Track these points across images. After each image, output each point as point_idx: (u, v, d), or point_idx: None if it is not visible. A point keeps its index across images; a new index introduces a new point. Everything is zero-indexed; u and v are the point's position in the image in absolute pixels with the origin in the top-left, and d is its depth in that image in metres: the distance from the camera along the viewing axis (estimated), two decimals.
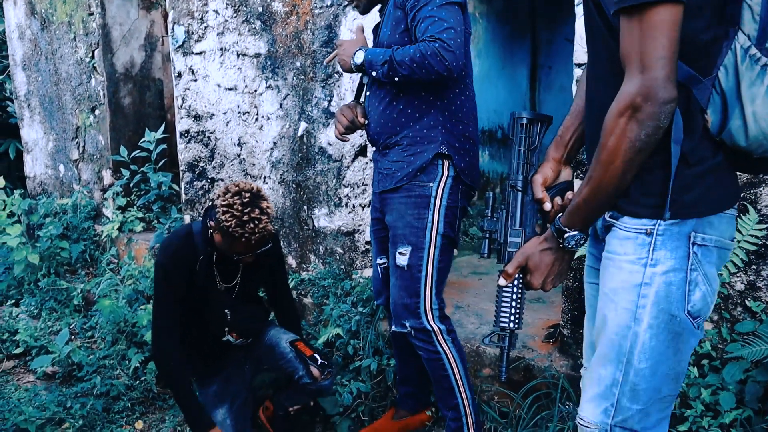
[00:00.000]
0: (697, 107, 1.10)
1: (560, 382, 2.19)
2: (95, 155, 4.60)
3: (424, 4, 1.80)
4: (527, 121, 1.37)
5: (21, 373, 3.21)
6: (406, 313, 1.97)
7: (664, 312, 1.14)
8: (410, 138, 1.96)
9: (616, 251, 1.19)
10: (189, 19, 3.65)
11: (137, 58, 4.55)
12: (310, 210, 3.26)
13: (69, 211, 4.53)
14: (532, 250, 1.28)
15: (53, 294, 3.89)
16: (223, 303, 2.14)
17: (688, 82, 1.08)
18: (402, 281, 1.96)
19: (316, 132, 3.17)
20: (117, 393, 2.80)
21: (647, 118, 1.02)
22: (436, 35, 1.75)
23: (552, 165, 1.37)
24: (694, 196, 1.12)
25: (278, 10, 3.22)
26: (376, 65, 1.89)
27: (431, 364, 2.01)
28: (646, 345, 1.15)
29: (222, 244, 2.07)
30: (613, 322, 1.18)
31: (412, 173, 1.95)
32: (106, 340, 3.23)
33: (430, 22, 1.77)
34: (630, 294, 1.16)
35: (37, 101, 5.04)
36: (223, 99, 3.57)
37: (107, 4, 4.34)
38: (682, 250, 1.13)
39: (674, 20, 1.00)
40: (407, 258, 1.93)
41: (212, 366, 2.27)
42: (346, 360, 2.69)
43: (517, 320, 1.33)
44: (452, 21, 1.77)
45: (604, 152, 1.09)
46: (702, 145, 1.11)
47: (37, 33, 4.87)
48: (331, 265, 3.20)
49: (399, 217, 1.97)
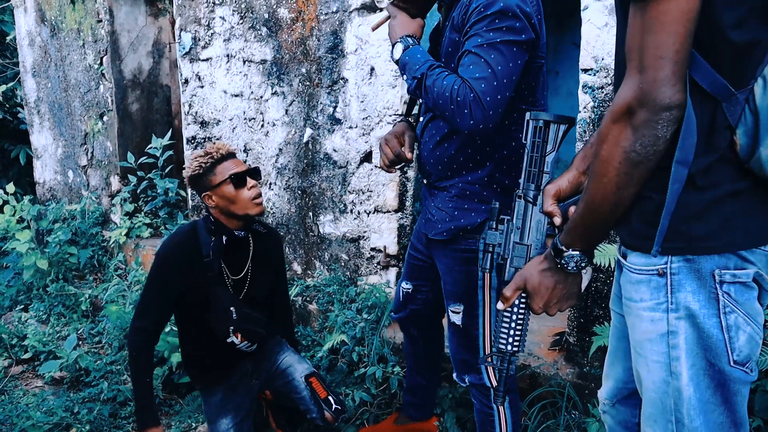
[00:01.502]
0: (724, 124, 0.92)
1: (566, 391, 2.18)
2: (103, 161, 4.64)
3: (476, 33, 1.49)
4: (543, 124, 1.20)
5: (29, 378, 3.23)
6: (465, 368, 1.82)
7: (700, 360, 0.98)
8: (459, 189, 1.70)
9: (631, 297, 1.04)
10: (196, 25, 3.67)
11: (145, 64, 4.58)
12: (315, 216, 3.27)
13: (77, 216, 4.56)
14: (531, 271, 1.14)
15: (62, 299, 3.92)
16: (228, 300, 2.11)
17: (715, 92, 0.91)
18: (458, 338, 1.81)
19: (322, 138, 3.17)
20: (124, 398, 2.81)
21: (642, 125, 0.88)
22: (474, 84, 1.47)
23: (572, 176, 1.18)
24: (709, 228, 0.94)
25: (284, 16, 3.23)
26: (407, 72, 1.62)
27: (482, 416, 1.87)
28: (693, 400, 0.99)
29: (218, 198, 2.04)
30: (648, 378, 1.04)
31: (454, 230, 1.71)
32: (113, 345, 3.25)
33: (474, 60, 1.48)
34: (657, 345, 1.01)
35: (46, 108, 5.08)
36: (229, 105, 3.59)
37: (116, 11, 4.37)
38: (706, 291, 0.96)
39: (683, 12, 0.84)
40: (461, 317, 1.76)
41: (218, 373, 2.26)
42: (351, 367, 2.68)
43: (516, 343, 1.21)
44: (499, 68, 1.46)
45: (596, 163, 0.95)
46: (719, 167, 0.94)
47: (46, 40, 4.91)
48: (336, 272, 3.20)
49: (447, 271, 1.78)
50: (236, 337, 2.11)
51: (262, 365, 2.32)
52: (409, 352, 2.21)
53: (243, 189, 2.04)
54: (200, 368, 2.27)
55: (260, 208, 2.07)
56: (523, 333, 1.22)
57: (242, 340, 2.14)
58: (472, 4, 1.51)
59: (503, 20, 1.46)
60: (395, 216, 2.94)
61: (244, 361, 2.29)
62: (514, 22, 1.47)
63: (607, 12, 2.11)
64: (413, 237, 2.01)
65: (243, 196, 2.03)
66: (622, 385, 1.28)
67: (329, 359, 2.73)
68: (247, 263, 2.21)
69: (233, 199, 2.03)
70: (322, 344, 2.78)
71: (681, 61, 0.86)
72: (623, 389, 1.28)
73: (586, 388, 2.23)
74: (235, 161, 2.08)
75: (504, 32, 1.47)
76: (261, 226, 2.28)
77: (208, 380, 2.25)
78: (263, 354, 2.32)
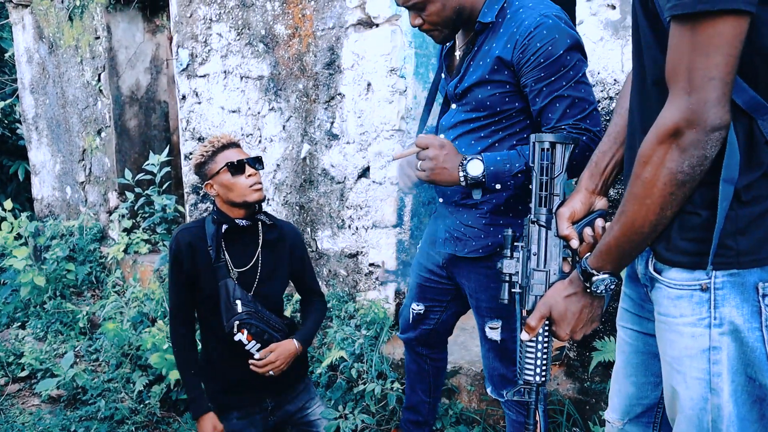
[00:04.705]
0: (762, 140, 0.93)
1: (566, 408, 2.16)
2: (101, 177, 4.63)
3: (556, 78, 1.46)
4: (549, 145, 1.19)
5: (26, 397, 3.21)
6: (504, 382, 1.83)
7: (740, 375, 0.98)
8: (493, 205, 1.66)
9: (670, 313, 1.02)
10: (193, 42, 3.68)
11: (143, 80, 4.59)
12: (313, 232, 3.26)
13: (75, 233, 4.55)
14: (555, 298, 1.13)
15: (59, 316, 3.90)
16: (234, 292, 2.05)
17: (752, 109, 0.92)
18: (496, 353, 1.82)
19: (319, 154, 3.17)
20: (121, 417, 2.78)
21: (691, 146, 0.88)
22: (582, 124, 1.46)
23: (583, 196, 1.18)
24: (752, 241, 0.95)
25: (281, 32, 3.24)
26: (505, 177, 1.50)
27: (518, 427, 1.88)
28: (733, 416, 0.98)
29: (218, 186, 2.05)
30: (686, 396, 1.02)
31: (492, 246, 1.67)
32: (111, 363, 3.23)
33: (568, 103, 1.46)
34: (698, 362, 0.99)
35: (44, 124, 5.09)
36: (226, 121, 3.59)
37: (113, 28, 4.39)
38: (750, 305, 0.96)
39: (736, 35, 0.84)
40: (500, 332, 1.75)
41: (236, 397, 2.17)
42: (350, 383, 2.67)
43: (543, 373, 1.19)
44: (592, 96, 1.48)
45: (638, 184, 0.94)
46: (761, 182, 0.95)
47: (44, 57, 4.93)
48: (334, 288, 3.19)
49: (481, 289, 1.75)
50: (242, 334, 2.04)
51: (285, 405, 2.25)
52: (413, 370, 2.19)
53: (241, 176, 2.05)
54: (220, 385, 2.19)
55: (259, 194, 2.07)
56: (548, 361, 1.19)
57: (249, 338, 2.06)
58: (532, 44, 1.47)
59: (572, 55, 1.47)
60: (393, 231, 2.93)
61: (266, 396, 2.19)
62: (579, 53, 1.49)
63: (602, 26, 2.12)
64: (421, 258, 1.97)
65: (241, 184, 2.04)
66: (635, 401, 1.26)
67: (328, 376, 2.71)
68: (255, 256, 2.16)
69: (231, 187, 2.04)
70: (321, 360, 2.76)
71: (730, 83, 0.86)
72: (636, 405, 1.26)
73: (586, 404, 2.22)
74: (236, 150, 2.10)
75: (578, 66, 1.48)
76: (271, 218, 2.21)
77: (225, 403, 2.18)
78: (288, 395, 2.25)
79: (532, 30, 1.46)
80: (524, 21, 1.49)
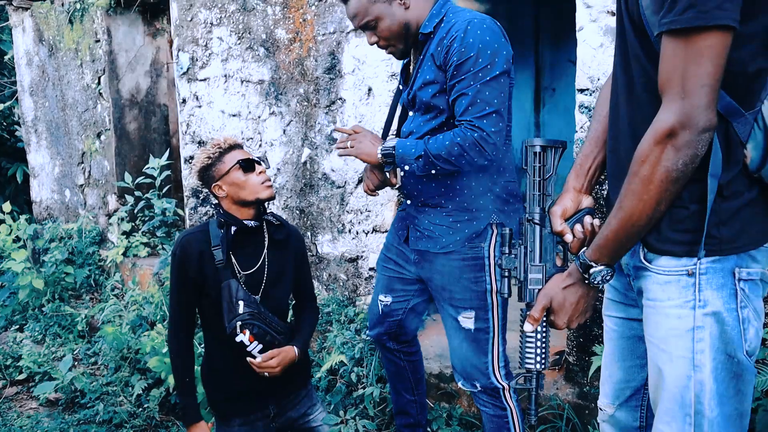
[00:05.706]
0: (737, 140, 1.05)
1: (565, 413, 2.16)
2: (101, 180, 4.63)
3: (465, 76, 1.65)
4: (540, 149, 1.29)
5: (24, 400, 3.20)
6: (477, 373, 1.91)
7: (722, 353, 1.08)
8: (457, 203, 1.83)
9: (658, 297, 1.12)
10: (194, 46, 3.69)
11: (143, 84, 4.60)
12: (313, 236, 3.26)
13: (74, 236, 4.55)
14: (555, 289, 1.22)
15: (57, 319, 3.89)
16: (237, 293, 2.04)
17: (728, 114, 1.03)
18: (469, 343, 1.90)
19: (320, 158, 3.18)
20: (120, 420, 2.78)
21: (685, 146, 0.98)
22: (476, 122, 1.63)
23: (572, 195, 1.30)
24: (732, 231, 1.07)
25: (281, 37, 3.25)
26: (409, 159, 1.75)
27: (496, 421, 1.95)
28: (714, 391, 1.08)
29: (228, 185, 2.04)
30: (671, 373, 1.11)
31: (461, 241, 1.83)
32: (109, 366, 3.22)
33: (470, 101, 1.65)
34: (683, 341, 1.09)
35: (44, 127, 5.09)
36: (227, 125, 3.60)
37: (114, 31, 4.40)
38: (728, 288, 1.07)
39: (723, 47, 0.95)
40: (473, 321, 1.87)
41: (239, 405, 2.16)
42: (350, 387, 2.67)
43: (543, 360, 1.28)
44: (496, 101, 1.64)
45: (636, 182, 1.04)
46: (738, 179, 1.07)
47: (44, 59, 4.93)
48: (334, 292, 3.19)
49: (453, 281, 1.87)
50: (244, 335, 2.03)
51: (288, 412, 2.22)
52: (392, 371, 2.21)
53: (252, 174, 2.06)
54: (223, 392, 2.18)
55: (270, 191, 2.08)
56: (547, 349, 1.29)
57: (251, 339, 2.04)
58: (453, 46, 1.66)
59: (485, 58, 1.63)
60: None
61: (268, 402, 2.17)
62: (494, 58, 1.65)
63: (602, 33, 2.13)
64: (387, 252, 2.09)
65: (252, 181, 2.06)
66: (624, 384, 1.35)
67: (328, 380, 2.71)
68: (262, 257, 2.15)
69: (243, 185, 2.05)
70: (321, 365, 2.76)
71: (718, 89, 0.97)
72: (625, 389, 1.35)
73: (586, 408, 2.22)
74: (241, 151, 2.12)
75: (488, 69, 1.64)
76: (278, 218, 2.21)
77: (228, 410, 2.17)
78: (290, 401, 2.22)
79: (455, 34, 1.66)
80: (453, 26, 1.69)
